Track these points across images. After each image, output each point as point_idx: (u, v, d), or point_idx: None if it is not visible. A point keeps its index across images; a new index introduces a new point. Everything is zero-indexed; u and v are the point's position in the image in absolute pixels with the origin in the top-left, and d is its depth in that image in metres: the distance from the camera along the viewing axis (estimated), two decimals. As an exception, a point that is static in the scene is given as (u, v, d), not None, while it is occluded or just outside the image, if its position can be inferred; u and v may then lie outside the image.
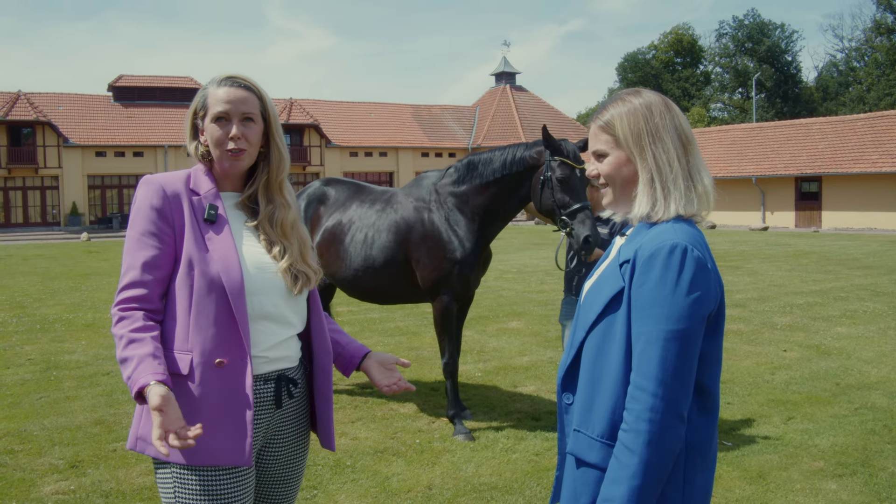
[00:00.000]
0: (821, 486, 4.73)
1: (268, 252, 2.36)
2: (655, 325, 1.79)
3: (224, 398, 2.20)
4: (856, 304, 12.00)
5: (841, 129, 37.70)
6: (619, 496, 1.77)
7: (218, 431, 2.18)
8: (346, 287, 6.44)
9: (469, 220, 5.84)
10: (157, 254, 2.21)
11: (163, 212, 2.24)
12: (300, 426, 2.50)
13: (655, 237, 1.85)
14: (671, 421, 1.77)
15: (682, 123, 1.96)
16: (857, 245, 24.69)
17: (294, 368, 2.43)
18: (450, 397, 5.95)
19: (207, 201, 2.30)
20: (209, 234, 2.26)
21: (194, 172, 2.37)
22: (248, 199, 2.41)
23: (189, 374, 2.18)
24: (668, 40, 78.32)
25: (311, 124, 49.61)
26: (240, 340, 2.22)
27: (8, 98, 44.26)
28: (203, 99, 2.34)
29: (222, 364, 2.19)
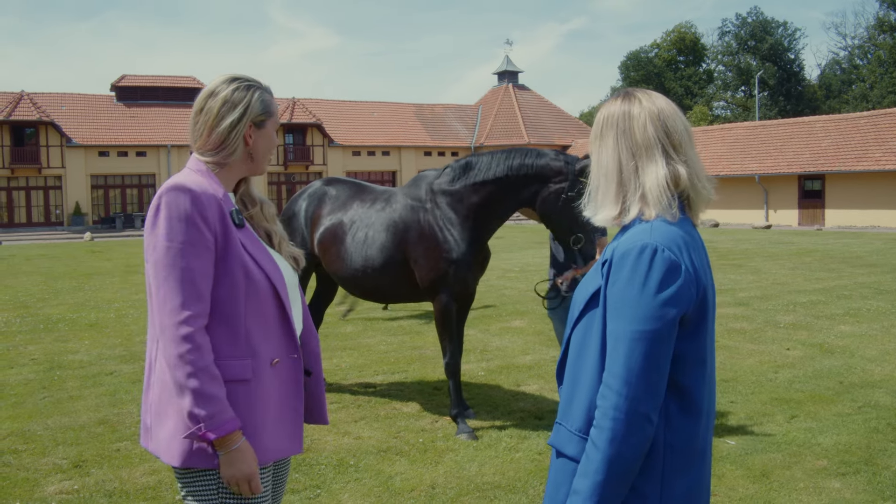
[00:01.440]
0: (824, 484, 4.73)
1: (271, 245, 2.46)
2: (623, 325, 1.81)
3: (282, 395, 2.32)
4: (859, 302, 11.98)
5: (844, 127, 37.63)
6: (584, 489, 1.81)
7: (280, 428, 2.31)
8: (347, 286, 6.45)
9: (464, 220, 5.83)
10: (207, 263, 2.21)
11: (206, 218, 2.21)
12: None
13: (630, 237, 1.87)
14: (635, 420, 1.79)
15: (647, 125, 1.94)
16: (861, 243, 24.65)
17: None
18: (452, 397, 5.96)
19: (227, 206, 2.31)
20: (245, 239, 2.30)
21: (205, 175, 2.34)
22: (240, 198, 2.50)
23: (253, 378, 2.25)
24: (671, 38, 78.23)
25: (313, 123, 49.62)
26: (292, 338, 2.35)
27: (11, 98, 44.33)
28: (265, 105, 2.40)
29: (277, 363, 2.30)
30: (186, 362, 2.11)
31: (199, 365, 2.12)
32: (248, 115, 2.35)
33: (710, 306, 1.91)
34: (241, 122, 2.34)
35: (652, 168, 1.92)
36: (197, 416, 2.11)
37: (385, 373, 7.86)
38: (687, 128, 1.98)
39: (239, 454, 2.16)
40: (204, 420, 2.10)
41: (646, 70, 76.69)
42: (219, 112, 2.33)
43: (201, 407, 2.10)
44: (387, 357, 8.62)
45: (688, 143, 1.97)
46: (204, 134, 2.35)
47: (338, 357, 8.62)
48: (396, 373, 7.85)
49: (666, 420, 1.86)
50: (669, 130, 1.94)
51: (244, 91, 2.36)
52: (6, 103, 43.78)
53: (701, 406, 1.91)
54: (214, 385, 2.13)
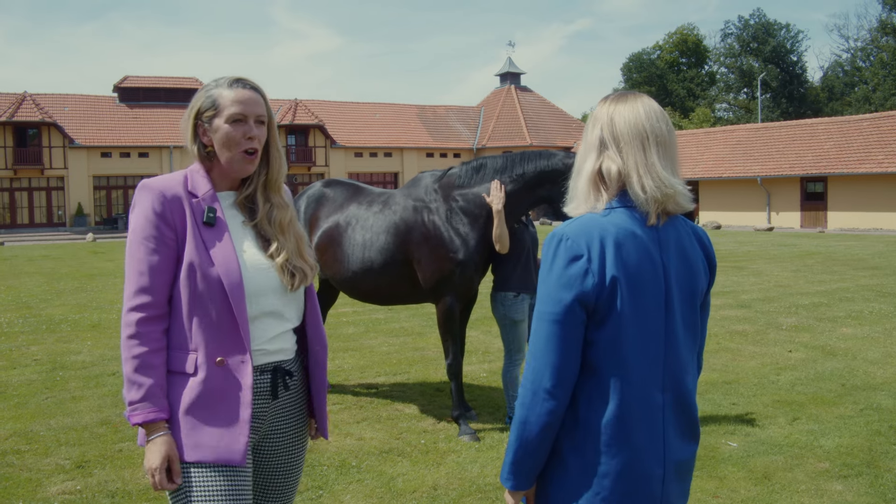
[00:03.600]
0: (826, 486, 4.73)
1: (265, 251, 2.42)
2: (537, 304, 2.02)
3: (225, 397, 2.28)
4: (861, 304, 11.97)
5: (846, 130, 37.62)
6: (508, 444, 2.05)
7: (217, 429, 2.28)
8: (345, 288, 6.45)
9: (473, 220, 5.83)
10: (163, 258, 2.27)
11: (165, 216, 2.28)
12: (298, 418, 2.56)
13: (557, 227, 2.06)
14: (538, 392, 1.96)
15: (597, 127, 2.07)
16: (863, 245, 24.63)
17: (290, 360, 2.50)
18: (454, 398, 5.96)
19: (206, 203, 2.34)
20: (209, 237, 2.31)
21: (191, 174, 2.40)
22: (245, 199, 2.46)
23: (195, 372, 2.27)
24: (673, 40, 78.23)
25: (315, 125, 49.66)
26: (240, 341, 2.30)
27: (14, 99, 44.40)
28: (212, 99, 2.38)
29: (222, 363, 2.28)
30: (125, 348, 2.24)
31: (134, 352, 2.23)
32: (191, 114, 2.40)
33: (627, 299, 1.96)
34: (186, 122, 2.41)
35: (587, 164, 2.08)
36: (125, 399, 2.24)
37: (387, 374, 7.87)
38: (644, 131, 2.03)
39: (153, 445, 2.22)
40: (129, 405, 2.22)
41: (648, 72, 76.69)
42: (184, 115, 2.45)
43: (128, 392, 2.23)
44: (389, 358, 8.62)
45: (633, 144, 2.02)
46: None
47: (340, 358, 8.62)
48: (398, 374, 7.85)
49: (587, 399, 2.00)
50: (615, 131, 2.04)
51: (203, 90, 2.43)
52: (9, 104, 43.85)
53: (620, 393, 1.97)
54: (145, 373, 2.22)
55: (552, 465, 2.05)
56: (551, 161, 5.65)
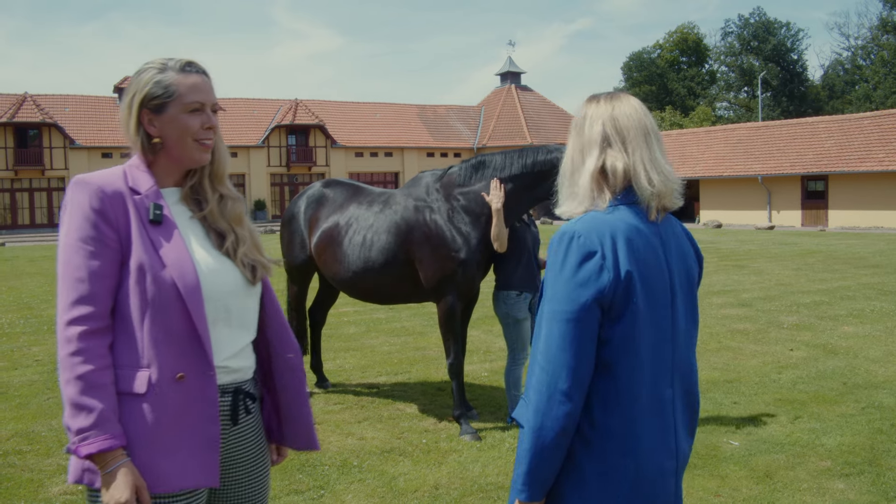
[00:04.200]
0: (828, 485, 4.73)
1: (219, 247, 2.19)
2: (546, 305, 1.96)
3: (187, 415, 2.03)
4: (863, 303, 11.97)
5: (847, 128, 37.60)
6: (519, 455, 1.98)
7: (182, 452, 2.02)
8: (345, 288, 6.46)
9: (475, 219, 5.82)
10: (104, 262, 2.00)
11: (105, 214, 2.02)
12: (258, 445, 2.32)
13: (563, 225, 2.02)
14: (554, 395, 1.91)
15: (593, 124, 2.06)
16: (864, 244, 24.62)
17: (249, 381, 2.26)
18: (456, 397, 5.96)
19: (150, 200, 2.09)
20: (157, 237, 2.06)
21: (129, 168, 2.14)
22: (190, 191, 2.22)
23: (147, 392, 1.98)
24: (674, 39, 78.19)
25: (316, 125, 49.68)
26: (201, 350, 2.05)
27: (14, 100, 44.42)
28: (163, 85, 2.12)
29: (183, 378, 2.02)
30: (66, 367, 1.94)
31: (78, 371, 1.92)
32: (135, 101, 2.12)
33: (641, 294, 1.96)
34: (130, 111, 2.13)
35: (588, 162, 2.05)
36: (70, 428, 1.92)
37: (388, 374, 7.87)
38: (646, 127, 2.05)
39: (112, 477, 1.92)
40: (77, 433, 1.91)
41: (649, 71, 76.65)
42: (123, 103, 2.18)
43: (74, 418, 1.91)
44: (390, 358, 8.62)
45: (638, 140, 2.02)
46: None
47: (341, 358, 8.62)
48: (399, 374, 7.85)
49: (602, 402, 1.96)
50: (619, 128, 2.03)
51: (137, 75, 2.16)
52: (9, 105, 43.87)
53: (635, 388, 1.97)
54: (93, 395, 1.91)
55: (567, 473, 1.99)
56: (550, 155, 5.65)
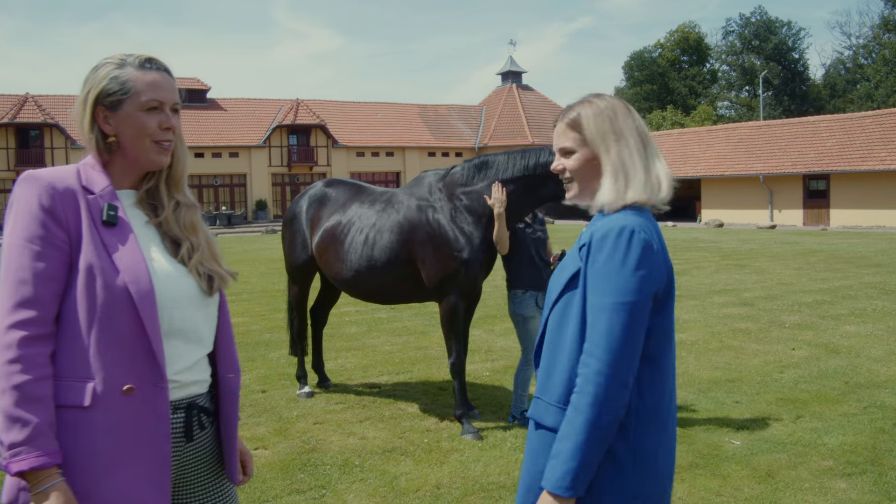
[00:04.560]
0: (830, 484, 4.72)
1: (174, 255, 2.07)
2: (605, 298, 1.98)
3: (136, 431, 1.89)
4: (864, 302, 11.96)
5: (849, 127, 37.56)
6: (566, 450, 1.95)
7: (129, 471, 1.88)
8: (347, 287, 6.45)
9: (477, 219, 5.83)
10: (52, 264, 1.87)
11: (55, 213, 1.89)
12: (214, 461, 2.19)
13: (608, 222, 2.06)
14: (614, 385, 1.95)
15: (641, 124, 2.19)
16: (866, 243, 24.60)
17: (203, 395, 2.13)
18: (457, 397, 5.96)
19: (104, 201, 1.97)
20: (110, 239, 1.93)
21: (83, 167, 2.03)
22: (146, 195, 2.11)
23: (92, 405, 1.85)
24: (675, 38, 78.11)
25: (317, 125, 49.67)
26: (153, 361, 1.92)
27: (16, 100, 44.44)
28: (120, 82, 2.01)
29: (132, 391, 1.88)
30: (2, 376, 1.80)
31: (14, 381, 1.78)
32: (90, 97, 2.02)
33: (674, 286, 2.13)
34: (84, 108, 2.04)
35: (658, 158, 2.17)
36: (2, 442, 1.79)
37: (390, 373, 7.87)
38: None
39: (44, 498, 1.77)
40: (8, 448, 1.77)
41: (650, 70, 76.59)
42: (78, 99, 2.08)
43: (6, 432, 1.77)
44: (391, 357, 8.62)
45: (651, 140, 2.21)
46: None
47: (343, 357, 8.63)
48: (401, 373, 7.85)
49: (637, 387, 2.03)
50: (643, 129, 2.20)
51: (94, 70, 2.04)
52: (11, 105, 43.90)
53: (666, 374, 2.10)
54: (28, 408, 1.78)
55: (603, 465, 2.00)
56: (553, 157, 5.64)
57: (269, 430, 5.97)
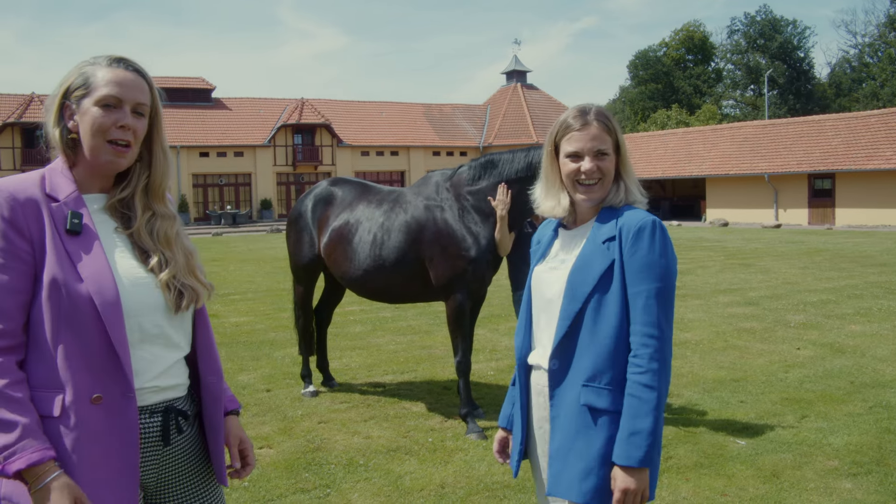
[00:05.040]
0: (835, 485, 4.71)
1: (144, 263, 2.03)
2: (652, 284, 2.23)
3: (105, 441, 1.90)
4: (870, 301, 11.93)
5: (854, 126, 37.45)
6: (646, 427, 2.17)
7: (101, 480, 1.89)
8: (354, 287, 6.45)
9: (485, 218, 5.84)
10: (15, 276, 1.87)
11: (16, 224, 1.88)
12: (198, 463, 2.18)
13: (632, 216, 2.31)
14: (668, 359, 2.23)
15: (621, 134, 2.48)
16: (871, 242, 24.53)
17: (182, 399, 2.13)
18: (462, 396, 5.96)
19: (69, 208, 1.95)
20: (74, 248, 1.92)
21: (49, 173, 2.01)
22: (118, 203, 2.07)
23: (61, 415, 1.86)
24: (680, 37, 77.97)
25: (322, 124, 49.70)
26: (120, 370, 1.91)
27: (21, 100, 44.57)
28: (84, 77, 1.99)
29: (99, 400, 1.88)
30: None
31: None
32: (58, 92, 2.00)
33: None
34: (55, 100, 2.01)
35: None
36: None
37: (394, 372, 7.87)
38: None
39: (46, 493, 1.79)
40: (2, 450, 1.79)
41: (655, 69, 76.46)
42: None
43: None
44: (396, 357, 8.63)
45: None
46: None
47: (347, 357, 8.63)
48: (406, 372, 7.86)
49: None
50: None
51: (76, 66, 2.03)
52: (16, 105, 44.02)
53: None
54: (14, 409, 1.80)
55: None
56: None
57: (273, 428, 5.98)
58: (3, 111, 43.84)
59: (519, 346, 2.53)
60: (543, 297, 2.44)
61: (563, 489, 2.28)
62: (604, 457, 2.23)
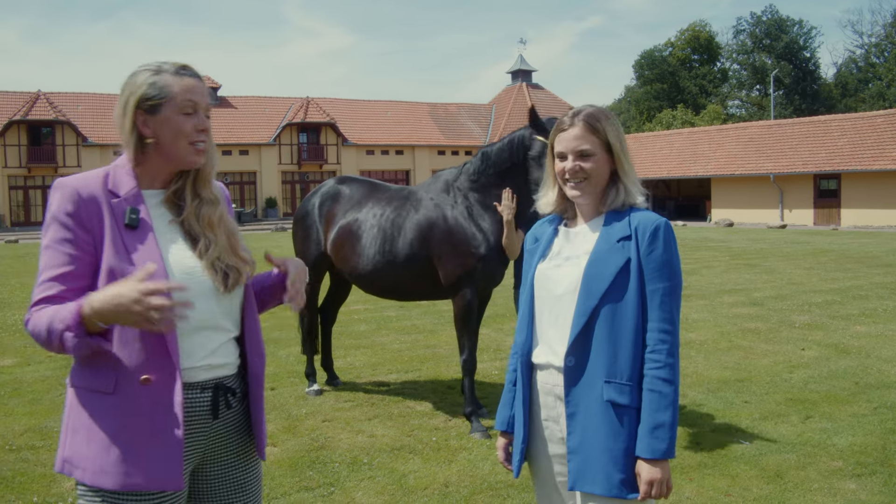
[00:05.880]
0: (839, 485, 4.70)
1: (194, 251, 2.20)
2: (667, 282, 2.31)
3: (153, 417, 2.07)
4: (875, 302, 11.90)
5: (860, 126, 37.37)
6: (667, 420, 2.26)
7: (149, 452, 2.06)
8: (363, 283, 6.46)
9: (493, 213, 5.84)
10: (76, 264, 2.06)
11: (79, 218, 2.08)
12: (243, 438, 2.35)
13: (646, 217, 2.37)
14: (677, 356, 2.32)
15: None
16: (877, 243, 24.48)
17: (232, 377, 2.29)
18: (467, 395, 5.96)
19: (128, 204, 2.14)
20: (131, 241, 2.10)
21: (113, 170, 2.20)
22: (173, 195, 2.25)
23: (115, 392, 2.06)
24: (686, 37, 77.81)
25: (327, 123, 49.75)
26: (167, 356, 2.07)
27: (28, 98, 44.69)
28: (158, 87, 2.15)
29: (149, 381, 2.05)
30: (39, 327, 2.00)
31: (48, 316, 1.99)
32: (130, 102, 2.16)
33: None
34: (125, 112, 2.17)
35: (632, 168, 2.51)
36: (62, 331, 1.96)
37: (398, 371, 7.88)
38: None
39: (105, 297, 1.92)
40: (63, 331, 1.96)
41: (660, 69, 76.33)
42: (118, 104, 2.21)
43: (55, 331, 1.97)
44: (400, 356, 8.64)
45: None
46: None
47: (351, 355, 8.64)
48: (410, 371, 7.86)
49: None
50: None
51: (132, 77, 2.19)
52: (23, 103, 44.14)
53: None
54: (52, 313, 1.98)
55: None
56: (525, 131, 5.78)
57: (277, 427, 5.99)
58: (9, 109, 43.97)
59: (521, 344, 2.52)
60: (552, 294, 2.43)
61: (588, 483, 2.32)
62: (628, 451, 2.29)
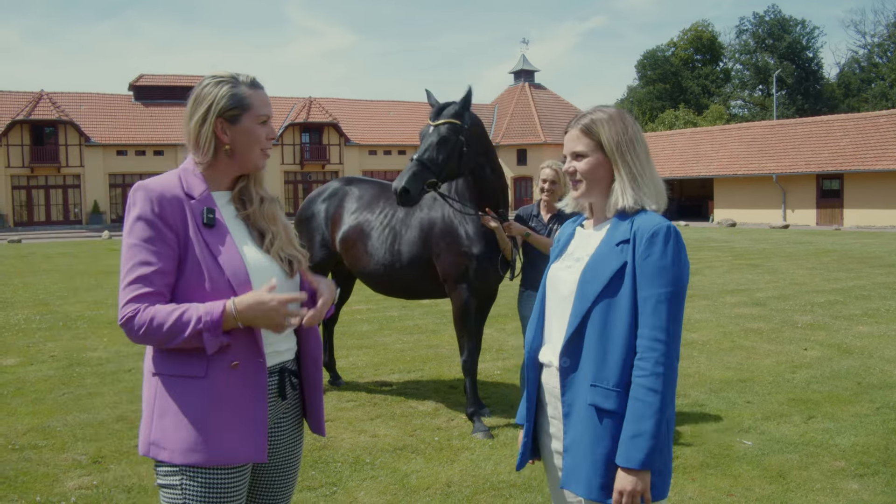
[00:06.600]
0: (842, 485, 4.70)
1: (261, 245, 2.42)
2: (663, 288, 2.24)
3: (241, 398, 2.26)
4: (878, 302, 11.89)
5: (863, 126, 37.33)
6: (648, 429, 2.18)
7: (236, 430, 2.25)
8: (371, 282, 6.50)
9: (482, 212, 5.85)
10: (165, 261, 2.23)
11: (165, 218, 2.25)
12: (295, 415, 2.56)
13: (647, 221, 2.32)
14: (675, 363, 2.24)
15: (643, 137, 2.46)
16: (880, 243, 24.45)
17: (292, 361, 2.50)
18: (469, 395, 5.97)
19: (204, 205, 2.32)
20: (211, 239, 2.29)
21: (183, 174, 2.38)
22: (238, 193, 2.47)
23: (206, 375, 2.23)
24: (688, 37, 77.80)
25: (330, 123, 49.78)
26: (253, 342, 2.28)
27: (30, 98, 44.76)
28: (238, 98, 2.35)
29: (237, 366, 2.25)
30: (159, 324, 2.15)
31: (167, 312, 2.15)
32: (213, 110, 2.34)
33: None
34: (206, 119, 2.34)
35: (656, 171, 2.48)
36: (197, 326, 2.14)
37: (401, 371, 7.88)
38: None
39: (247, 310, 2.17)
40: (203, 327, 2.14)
41: (663, 69, 76.32)
42: (190, 110, 2.38)
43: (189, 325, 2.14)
44: (402, 356, 8.64)
45: None
46: (187, 133, 2.41)
47: (354, 355, 8.65)
48: (412, 371, 7.87)
49: None
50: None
51: (213, 87, 2.36)
52: (26, 103, 44.21)
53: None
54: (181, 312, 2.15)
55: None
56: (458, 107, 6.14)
57: (280, 426, 5.99)
58: (12, 109, 44.05)
59: (529, 341, 2.55)
60: (559, 294, 2.46)
61: (574, 484, 2.33)
62: (608, 457, 2.26)
